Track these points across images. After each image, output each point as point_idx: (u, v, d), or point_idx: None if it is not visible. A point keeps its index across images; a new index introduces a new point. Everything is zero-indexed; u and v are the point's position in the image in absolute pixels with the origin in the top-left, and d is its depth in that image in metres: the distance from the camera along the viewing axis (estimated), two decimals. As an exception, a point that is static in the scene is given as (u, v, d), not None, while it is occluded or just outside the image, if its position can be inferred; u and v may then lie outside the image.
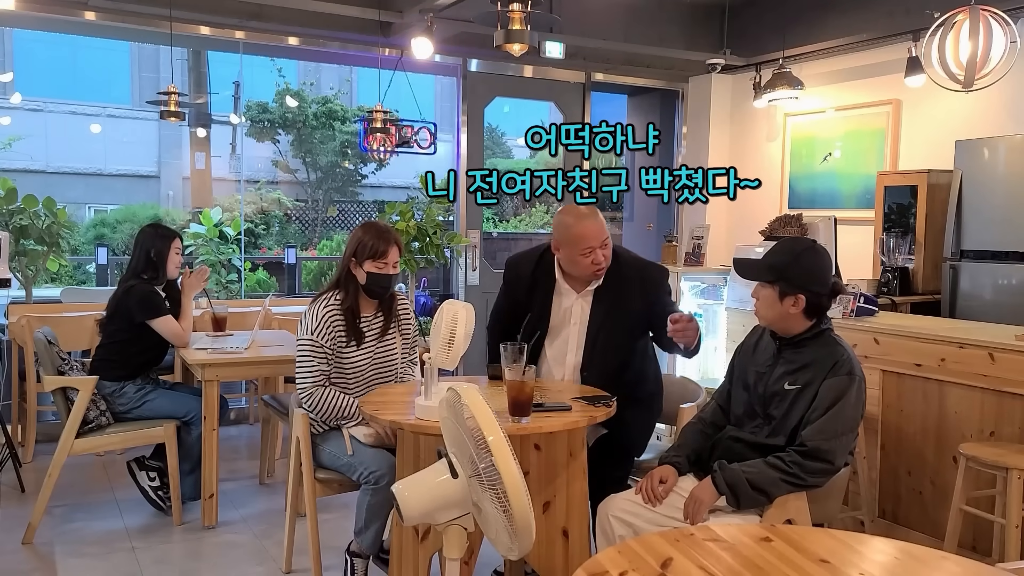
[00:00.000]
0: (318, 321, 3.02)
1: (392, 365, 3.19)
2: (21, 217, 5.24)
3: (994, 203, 4.44)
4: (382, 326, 3.15)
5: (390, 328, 3.17)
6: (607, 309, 2.99)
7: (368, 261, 3.02)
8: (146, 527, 3.78)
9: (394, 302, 3.21)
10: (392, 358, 3.18)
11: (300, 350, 3.03)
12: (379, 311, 3.16)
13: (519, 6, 4.07)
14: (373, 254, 3.02)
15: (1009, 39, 3.78)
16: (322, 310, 3.03)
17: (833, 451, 2.38)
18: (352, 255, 3.05)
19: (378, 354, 3.14)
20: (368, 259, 3.02)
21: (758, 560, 1.68)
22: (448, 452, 1.83)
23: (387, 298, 3.16)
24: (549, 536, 2.64)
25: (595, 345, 3.02)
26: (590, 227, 2.89)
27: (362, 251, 3.03)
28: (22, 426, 4.76)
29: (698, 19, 6.33)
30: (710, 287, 5.12)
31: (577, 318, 3.04)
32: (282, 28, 5.51)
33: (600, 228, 2.91)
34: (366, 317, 3.12)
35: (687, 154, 7.02)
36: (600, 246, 2.91)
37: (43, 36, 10.55)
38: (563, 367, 3.07)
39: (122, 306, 3.79)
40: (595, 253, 2.90)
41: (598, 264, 2.93)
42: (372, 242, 3.02)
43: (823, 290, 2.49)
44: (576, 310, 3.04)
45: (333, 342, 3.03)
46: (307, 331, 3.01)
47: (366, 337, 3.10)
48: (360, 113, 9.22)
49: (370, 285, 3.05)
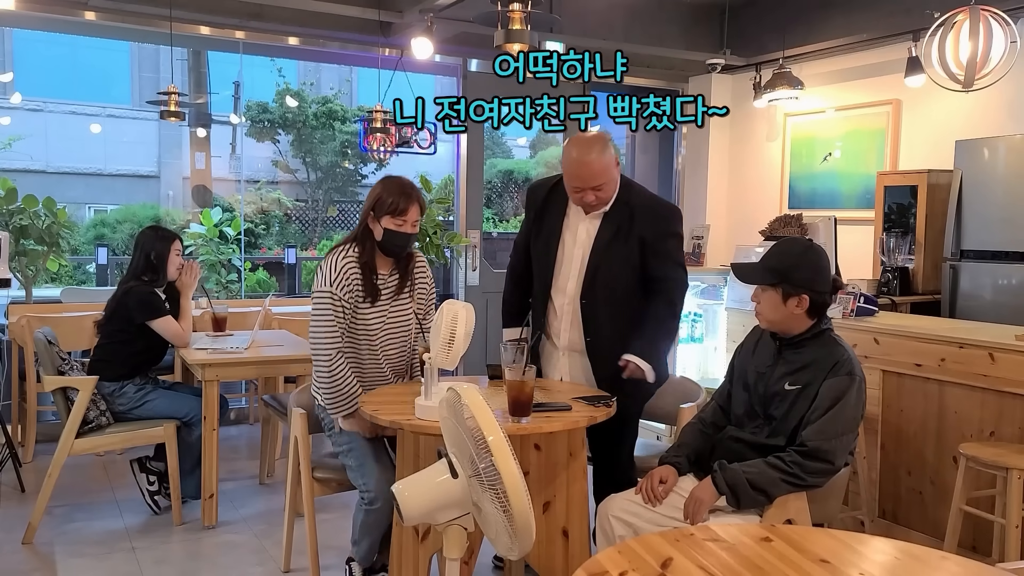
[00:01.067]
0: (337, 272, 2.86)
1: (405, 328, 3.04)
2: (21, 217, 5.24)
3: (994, 203, 4.44)
4: (397, 286, 3.01)
5: (404, 289, 3.03)
6: (611, 236, 2.92)
7: (387, 217, 2.87)
8: (146, 527, 3.78)
9: (411, 262, 3.06)
10: (405, 321, 3.03)
11: (317, 303, 2.86)
12: (395, 270, 3.02)
13: (519, 6, 4.07)
14: (392, 210, 2.87)
15: (1009, 39, 3.78)
16: (341, 261, 2.88)
17: (833, 451, 2.38)
18: (371, 209, 2.91)
19: (391, 315, 2.99)
20: (387, 215, 2.87)
21: (758, 560, 1.68)
22: (448, 452, 1.83)
23: (404, 257, 3.03)
24: (549, 536, 2.64)
25: (596, 272, 2.93)
26: (580, 170, 2.86)
27: (381, 206, 2.88)
28: (22, 426, 4.76)
29: (698, 19, 6.33)
30: (710, 287, 5.12)
31: (582, 241, 2.97)
32: (282, 28, 5.51)
33: (591, 173, 2.83)
34: (382, 275, 2.98)
35: (687, 154, 7.02)
36: (592, 189, 2.85)
37: (43, 36, 10.56)
38: (564, 295, 2.99)
39: (121, 307, 3.79)
40: (584, 193, 2.87)
41: (586, 204, 2.90)
42: (392, 198, 2.87)
43: (825, 288, 2.50)
44: (582, 232, 2.97)
45: (351, 296, 2.89)
46: (325, 282, 2.85)
47: (382, 295, 2.96)
48: (360, 113, 9.22)
49: (386, 242, 2.91)
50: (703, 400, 3.07)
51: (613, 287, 2.93)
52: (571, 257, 2.99)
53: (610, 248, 2.92)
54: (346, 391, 2.87)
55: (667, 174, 7.40)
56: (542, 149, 14.35)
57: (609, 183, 2.88)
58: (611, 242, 2.92)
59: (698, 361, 5.15)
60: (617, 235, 2.92)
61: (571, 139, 2.94)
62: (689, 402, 3.08)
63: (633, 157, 8.18)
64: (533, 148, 15.05)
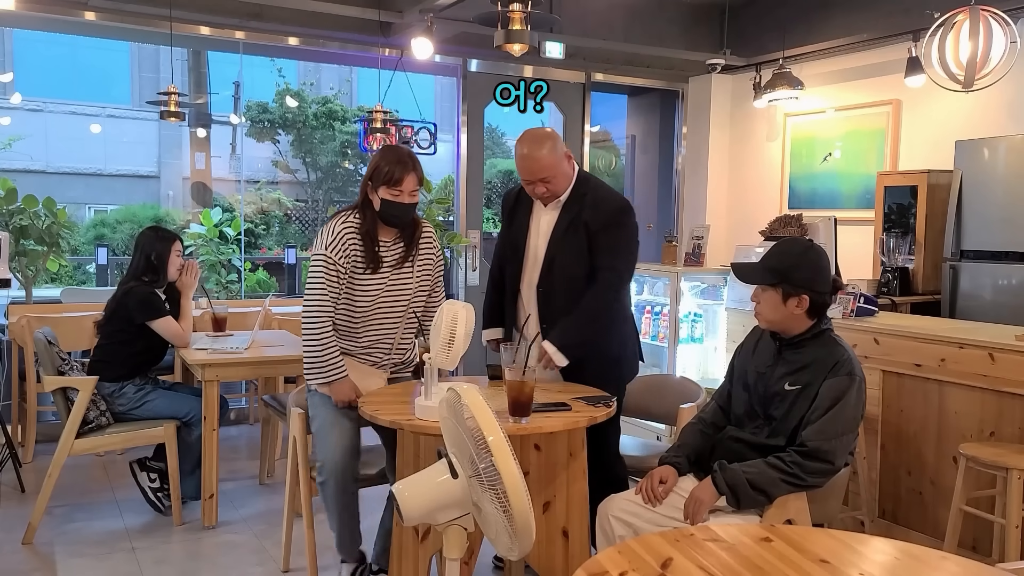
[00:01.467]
0: (333, 236, 2.86)
1: (403, 299, 3.01)
2: (21, 217, 5.24)
3: (994, 203, 4.44)
4: (401, 255, 2.99)
5: (408, 259, 3.01)
6: (566, 226, 3.01)
7: (383, 187, 2.87)
8: (146, 527, 3.78)
9: (417, 231, 3.03)
10: (404, 291, 3.00)
11: (313, 265, 2.87)
12: (399, 239, 3.00)
13: (519, 6, 4.07)
14: (388, 180, 2.85)
15: (1009, 39, 3.78)
16: (339, 226, 2.88)
17: (833, 451, 2.38)
18: (369, 179, 2.91)
19: (390, 284, 2.97)
20: (383, 185, 2.86)
21: (758, 560, 1.68)
22: (448, 452, 1.83)
23: (410, 227, 3.01)
24: (549, 536, 2.64)
25: (552, 262, 3.02)
26: (528, 164, 2.95)
27: (378, 176, 2.87)
28: (22, 426, 4.76)
29: (698, 19, 6.33)
30: (710, 287, 5.12)
31: (543, 233, 3.07)
32: (282, 28, 5.51)
33: (539, 167, 2.93)
34: (385, 243, 2.96)
35: (687, 154, 7.03)
36: (540, 181, 2.95)
37: (43, 36, 10.56)
38: (529, 287, 3.08)
39: (121, 307, 3.79)
40: (535, 186, 2.98)
41: (538, 196, 3.02)
42: (388, 167, 2.86)
43: (825, 289, 2.50)
44: (543, 224, 3.08)
45: (348, 262, 2.87)
46: (321, 246, 2.87)
47: (384, 264, 2.94)
48: (360, 113, 9.21)
49: (384, 212, 2.90)
50: (703, 400, 3.07)
51: (569, 276, 3.00)
52: (535, 249, 3.09)
53: (565, 238, 3.01)
54: (330, 361, 2.87)
55: (667, 174, 7.40)
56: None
57: (558, 176, 2.97)
58: (566, 232, 3.01)
59: (698, 361, 5.16)
60: (571, 225, 3.01)
61: (521, 135, 3.03)
62: (689, 402, 3.08)
63: (633, 157, 8.17)
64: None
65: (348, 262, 2.89)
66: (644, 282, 5.39)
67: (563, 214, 3.03)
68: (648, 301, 5.32)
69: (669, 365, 5.01)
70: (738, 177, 6.79)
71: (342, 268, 2.88)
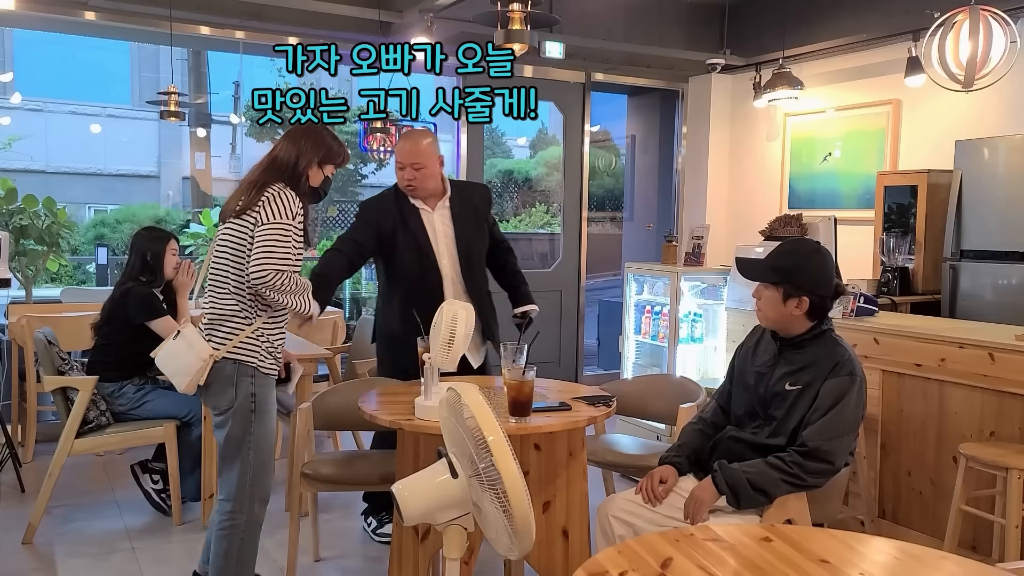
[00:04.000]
0: (297, 209, 2.67)
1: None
2: (21, 217, 5.24)
3: (994, 203, 4.44)
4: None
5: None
6: (462, 219, 3.45)
7: (329, 166, 2.84)
8: (146, 527, 3.78)
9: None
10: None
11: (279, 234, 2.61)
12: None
13: (519, 6, 4.07)
14: (337, 160, 2.86)
15: (1009, 39, 3.78)
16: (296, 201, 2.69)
17: (834, 452, 2.38)
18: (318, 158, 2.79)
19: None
20: (331, 164, 2.84)
21: (758, 560, 1.68)
22: (448, 452, 1.83)
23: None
24: (549, 536, 2.64)
25: (467, 250, 3.43)
26: (404, 147, 3.41)
27: (332, 156, 2.83)
28: (22, 426, 4.76)
29: (698, 19, 6.33)
30: (710, 287, 5.11)
31: (442, 231, 3.43)
32: (282, 28, 5.51)
33: (416, 151, 3.36)
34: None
35: (687, 154, 7.02)
36: (411, 165, 3.35)
37: (43, 36, 10.55)
38: (449, 280, 3.41)
39: (119, 309, 3.78)
40: (406, 170, 3.36)
41: (406, 181, 3.37)
42: (341, 149, 2.87)
43: (827, 292, 2.49)
44: (438, 224, 3.43)
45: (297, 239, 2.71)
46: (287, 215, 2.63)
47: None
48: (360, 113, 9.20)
49: (322, 188, 2.85)
50: (703, 400, 3.07)
51: (479, 258, 3.51)
52: (443, 246, 3.42)
53: (468, 224, 3.46)
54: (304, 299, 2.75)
55: (667, 174, 7.40)
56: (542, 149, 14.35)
57: (429, 167, 3.37)
58: (464, 222, 3.45)
59: (698, 361, 5.15)
60: (462, 215, 3.46)
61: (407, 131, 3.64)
62: (689, 402, 3.08)
63: (633, 157, 8.18)
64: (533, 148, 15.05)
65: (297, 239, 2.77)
66: (644, 282, 5.39)
67: (453, 207, 3.45)
68: (648, 301, 5.32)
69: (669, 365, 5.01)
70: (738, 177, 6.79)
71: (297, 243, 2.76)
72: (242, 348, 2.69)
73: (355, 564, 3.43)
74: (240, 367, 2.68)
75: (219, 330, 2.69)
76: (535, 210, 12.27)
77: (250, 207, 2.65)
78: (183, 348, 2.70)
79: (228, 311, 2.69)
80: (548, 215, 9.37)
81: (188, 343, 2.69)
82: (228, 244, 2.70)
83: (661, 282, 5.18)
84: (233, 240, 2.68)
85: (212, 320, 2.71)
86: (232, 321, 2.69)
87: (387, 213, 3.39)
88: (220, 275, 2.71)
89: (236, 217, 2.68)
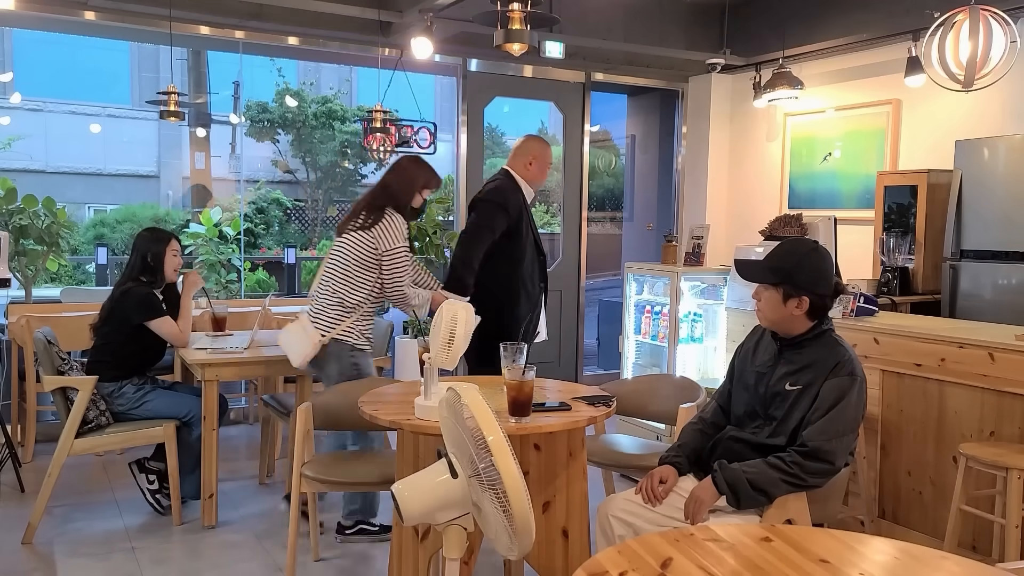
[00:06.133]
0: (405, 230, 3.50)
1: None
2: (21, 217, 5.24)
3: (994, 203, 4.44)
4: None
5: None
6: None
7: (427, 190, 3.63)
8: (146, 527, 3.78)
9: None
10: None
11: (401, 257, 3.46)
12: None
13: (519, 6, 4.07)
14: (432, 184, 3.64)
15: (1009, 39, 3.78)
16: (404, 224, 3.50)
17: (834, 452, 2.38)
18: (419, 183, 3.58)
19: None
20: (427, 189, 3.62)
21: (758, 560, 1.68)
22: (448, 452, 1.83)
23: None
24: (549, 536, 2.64)
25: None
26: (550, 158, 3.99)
27: (429, 182, 3.62)
28: (22, 426, 4.76)
29: (698, 19, 6.33)
30: (710, 287, 5.11)
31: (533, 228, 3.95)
32: (282, 28, 5.51)
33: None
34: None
35: (687, 154, 7.03)
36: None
37: (43, 36, 10.55)
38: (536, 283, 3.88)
39: (118, 309, 3.78)
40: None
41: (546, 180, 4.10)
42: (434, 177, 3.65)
43: (827, 292, 2.49)
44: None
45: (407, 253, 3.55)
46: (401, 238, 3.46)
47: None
48: (360, 113, 9.22)
49: (421, 208, 3.68)
50: (703, 400, 3.07)
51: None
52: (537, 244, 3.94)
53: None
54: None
55: (667, 174, 7.40)
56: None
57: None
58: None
59: (698, 361, 5.15)
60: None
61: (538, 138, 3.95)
62: (689, 402, 3.08)
63: (633, 157, 8.18)
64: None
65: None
66: (644, 282, 5.39)
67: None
68: (648, 301, 5.32)
69: (669, 365, 5.01)
70: (738, 177, 6.79)
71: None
72: (344, 333, 3.47)
73: (355, 564, 3.43)
74: (342, 346, 3.47)
75: (325, 319, 3.48)
76: (535, 210, 12.28)
77: (371, 227, 3.46)
78: (299, 332, 3.44)
79: (334, 304, 3.48)
80: (548, 215, 9.38)
81: (303, 328, 3.45)
82: (344, 253, 3.49)
83: (661, 282, 5.18)
84: (350, 250, 3.48)
85: (321, 310, 3.49)
86: (337, 311, 3.47)
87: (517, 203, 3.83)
88: (332, 276, 3.51)
89: (355, 231, 3.48)
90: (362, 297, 3.48)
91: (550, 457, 2.65)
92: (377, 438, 3.56)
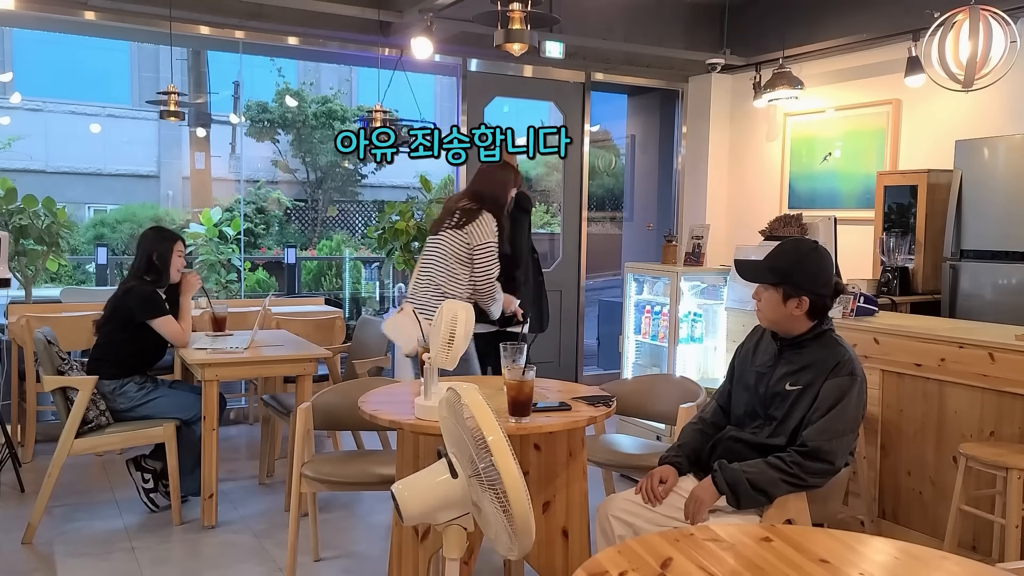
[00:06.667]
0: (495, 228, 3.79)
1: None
2: (21, 217, 5.24)
3: (994, 203, 4.44)
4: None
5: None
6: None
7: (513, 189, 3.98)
8: (146, 527, 3.78)
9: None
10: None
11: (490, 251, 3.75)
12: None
13: (519, 6, 4.07)
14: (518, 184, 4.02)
15: (1009, 39, 3.78)
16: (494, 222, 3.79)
17: (834, 451, 2.38)
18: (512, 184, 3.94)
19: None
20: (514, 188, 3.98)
21: (758, 560, 1.68)
22: (448, 452, 1.83)
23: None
24: (549, 536, 2.64)
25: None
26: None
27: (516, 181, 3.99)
28: (22, 426, 4.76)
29: (698, 19, 6.33)
30: (710, 287, 5.11)
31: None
32: (282, 28, 5.51)
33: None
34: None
35: (687, 154, 7.03)
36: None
37: (43, 36, 10.54)
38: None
39: (122, 306, 3.79)
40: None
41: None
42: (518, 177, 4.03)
43: (826, 291, 2.49)
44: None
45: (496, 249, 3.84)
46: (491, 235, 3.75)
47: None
48: (360, 113, 9.21)
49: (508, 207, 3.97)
50: (703, 400, 3.07)
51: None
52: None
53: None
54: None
55: (667, 174, 7.40)
56: (542, 149, 14.33)
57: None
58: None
59: (698, 361, 5.15)
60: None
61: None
62: (689, 402, 3.08)
63: (633, 157, 8.17)
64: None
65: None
66: (644, 282, 5.39)
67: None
68: (648, 301, 5.32)
69: (669, 365, 5.01)
70: (738, 177, 6.79)
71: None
72: None
73: (355, 564, 3.43)
74: None
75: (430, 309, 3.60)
76: (535, 210, 12.27)
77: (464, 225, 3.76)
78: (409, 321, 3.51)
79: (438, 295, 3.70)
80: (548, 215, 9.37)
81: (411, 317, 3.50)
82: (442, 249, 3.79)
83: (661, 282, 5.18)
84: (447, 247, 3.78)
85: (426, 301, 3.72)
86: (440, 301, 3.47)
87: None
88: (432, 270, 3.80)
89: (449, 229, 3.79)
90: (460, 288, 3.78)
91: (550, 457, 2.65)
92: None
